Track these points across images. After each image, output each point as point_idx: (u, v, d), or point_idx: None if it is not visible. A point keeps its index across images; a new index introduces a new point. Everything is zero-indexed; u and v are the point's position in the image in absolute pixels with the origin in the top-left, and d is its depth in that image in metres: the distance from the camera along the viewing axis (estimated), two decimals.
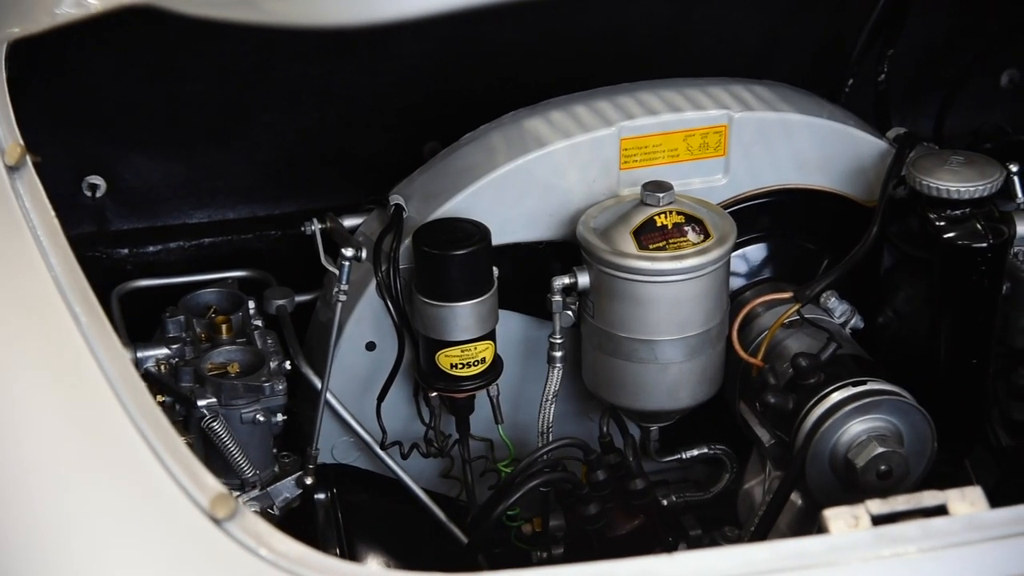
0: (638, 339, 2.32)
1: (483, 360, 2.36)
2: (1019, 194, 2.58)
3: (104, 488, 1.81)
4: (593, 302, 2.36)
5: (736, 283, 2.56)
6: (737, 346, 2.37)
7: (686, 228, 2.30)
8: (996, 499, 2.48)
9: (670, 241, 2.29)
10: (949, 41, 2.98)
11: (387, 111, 2.76)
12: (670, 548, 2.46)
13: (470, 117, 2.56)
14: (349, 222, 2.52)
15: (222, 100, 2.68)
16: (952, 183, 2.25)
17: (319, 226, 2.48)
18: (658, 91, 2.49)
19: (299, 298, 2.52)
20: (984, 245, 2.25)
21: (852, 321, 2.48)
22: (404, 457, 2.47)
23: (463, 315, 2.31)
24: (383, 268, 2.36)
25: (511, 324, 2.50)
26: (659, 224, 2.30)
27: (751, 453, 2.51)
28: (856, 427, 2.26)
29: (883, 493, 2.25)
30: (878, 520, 1.82)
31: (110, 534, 1.78)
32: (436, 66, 2.73)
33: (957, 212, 2.27)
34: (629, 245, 2.29)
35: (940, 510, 1.83)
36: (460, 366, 2.35)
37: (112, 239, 2.73)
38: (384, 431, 2.44)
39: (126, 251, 2.74)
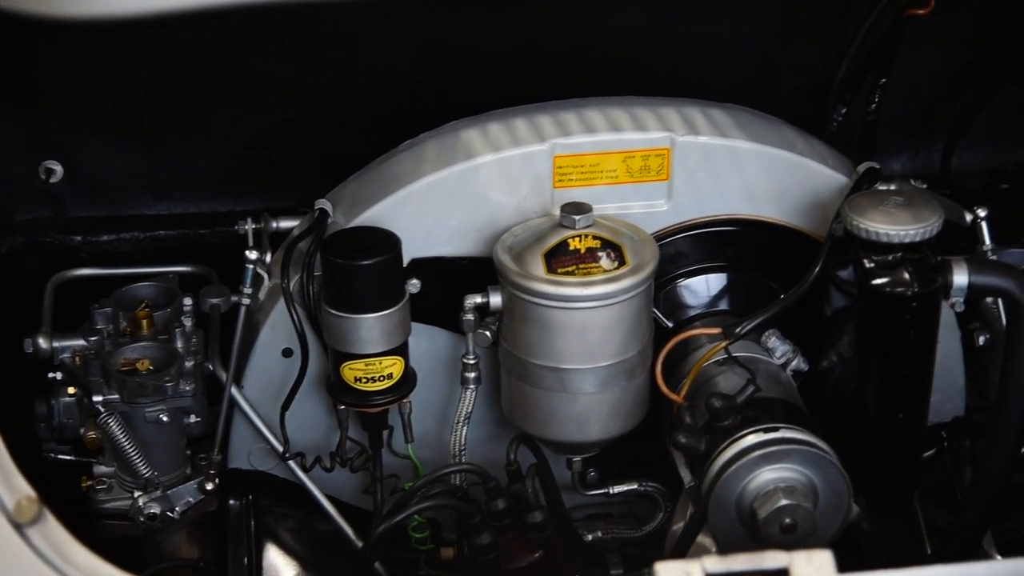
0: (545, 366, 2.22)
1: (390, 376, 2.28)
2: (986, 240, 2.42)
3: None
4: (506, 324, 2.26)
5: (685, 314, 2.44)
6: (660, 380, 2.25)
7: (600, 253, 2.19)
8: (937, 559, 2.35)
9: (580, 266, 2.18)
10: (963, 73, 2.81)
11: (358, 112, 2.69)
12: None
13: (443, 121, 2.47)
14: (287, 224, 2.46)
15: (181, 91, 2.63)
16: (881, 225, 2.11)
17: (252, 226, 2.42)
18: (605, 108, 2.38)
19: (236, 298, 2.45)
20: (909, 293, 2.09)
21: (794, 363, 2.34)
22: (306, 469, 2.40)
23: (366, 328, 2.23)
24: (299, 275, 2.29)
25: (437, 341, 2.41)
26: (572, 248, 2.20)
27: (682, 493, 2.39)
28: (765, 476, 2.12)
29: (787, 548, 2.13)
30: None
31: None
32: (411, 69, 2.65)
33: (888, 257, 2.12)
34: (538, 267, 2.19)
35: (782, 572, 1.72)
36: (365, 380, 2.27)
37: (67, 225, 2.71)
38: (287, 440, 2.37)
39: (79, 238, 2.71)
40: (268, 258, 2.31)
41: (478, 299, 2.26)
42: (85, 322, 2.47)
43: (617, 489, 2.47)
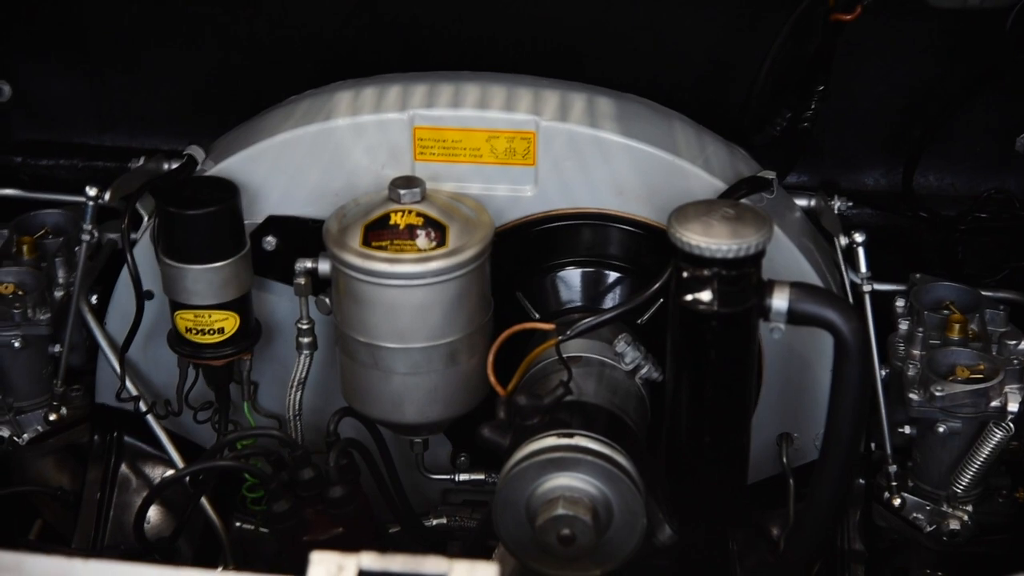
0: (360, 340, 2.17)
1: (221, 331, 2.26)
2: (862, 266, 2.26)
3: None
4: (332, 293, 2.21)
5: (560, 306, 2.35)
6: (490, 371, 2.16)
7: (419, 232, 2.12)
8: None
9: (395, 242, 2.12)
10: (936, 87, 2.62)
11: (290, 64, 2.67)
12: None
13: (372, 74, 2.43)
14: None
15: (125, 25, 2.66)
16: (695, 237, 1.96)
17: (140, 163, 2.42)
18: (486, 84, 2.30)
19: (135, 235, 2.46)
20: (709, 311, 1.95)
21: (644, 371, 2.22)
22: (138, 413, 2.40)
23: (191, 279, 2.21)
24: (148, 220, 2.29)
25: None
26: (392, 223, 2.13)
27: None
28: (555, 482, 2.02)
29: (569, 561, 2.04)
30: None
31: None
32: (343, 28, 2.63)
33: (704, 271, 1.98)
34: (355, 239, 2.13)
35: None
36: (195, 332, 2.26)
37: (9, 146, 2.76)
38: (123, 384, 2.37)
39: (20, 160, 2.76)
40: (107, 196, 2.29)
41: (308, 264, 2.22)
42: None
43: (463, 477, 2.41)
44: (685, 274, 1.99)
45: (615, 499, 2.03)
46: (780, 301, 1.97)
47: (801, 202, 2.42)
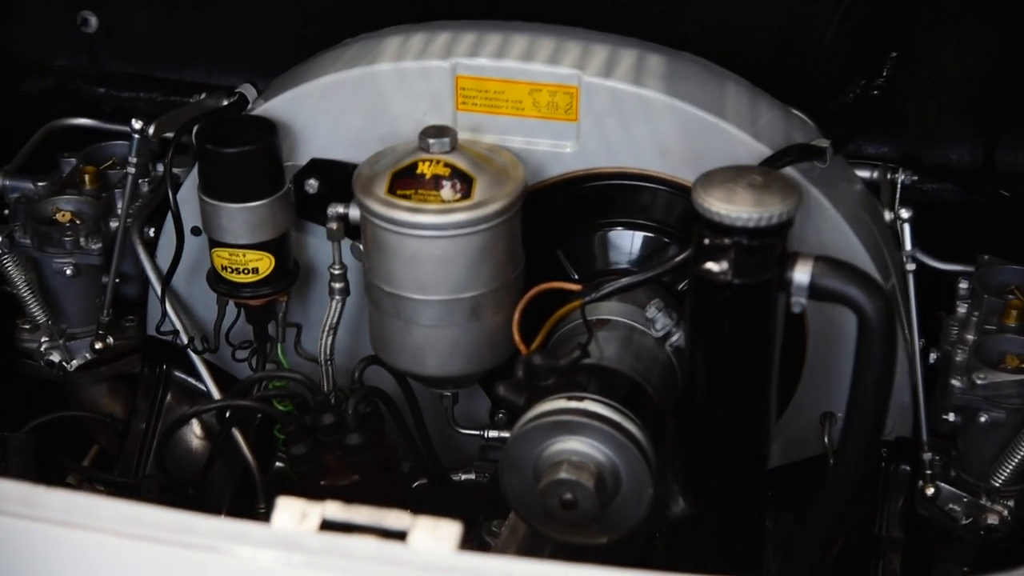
0: (383, 289, 2.15)
1: (255, 270, 2.26)
2: (907, 244, 2.17)
3: None
4: (362, 239, 2.20)
5: (602, 267, 2.31)
6: (515, 328, 2.13)
7: (445, 182, 2.09)
8: None
9: (419, 191, 2.09)
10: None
11: (368, 6, 2.64)
12: None
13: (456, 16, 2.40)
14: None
15: None
16: (715, 203, 1.89)
17: (200, 98, 2.44)
18: (536, 35, 2.25)
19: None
20: (724, 281, 1.89)
21: (674, 338, 2.17)
22: (176, 345, 2.42)
23: (226, 217, 2.22)
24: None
25: (344, 247, 2.36)
26: (419, 172, 2.10)
27: None
28: (562, 445, 1.99)
29: (572, 526, 2.01)
30: (329, 525, 1.64)
31: None
32: None
33: (725, 240, 1.91)
34: (382, 186, 2.11)
35: (400, 535, 1.62)
36: (231, 270, 2.27)
37: (95, 76, 2.80)
38: (164, 316, 2.39)
39: (103, 91, 2.80)
40: (151, 130, 2.31)
41: (340, 209, 2.21)
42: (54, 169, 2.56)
43: (492, 434, 2.38)
44: (706, 241, 1.92)
45: (622, 467, 1.99)
46: (802, 275, 1.90)
47: (863, 174, 2.33)
